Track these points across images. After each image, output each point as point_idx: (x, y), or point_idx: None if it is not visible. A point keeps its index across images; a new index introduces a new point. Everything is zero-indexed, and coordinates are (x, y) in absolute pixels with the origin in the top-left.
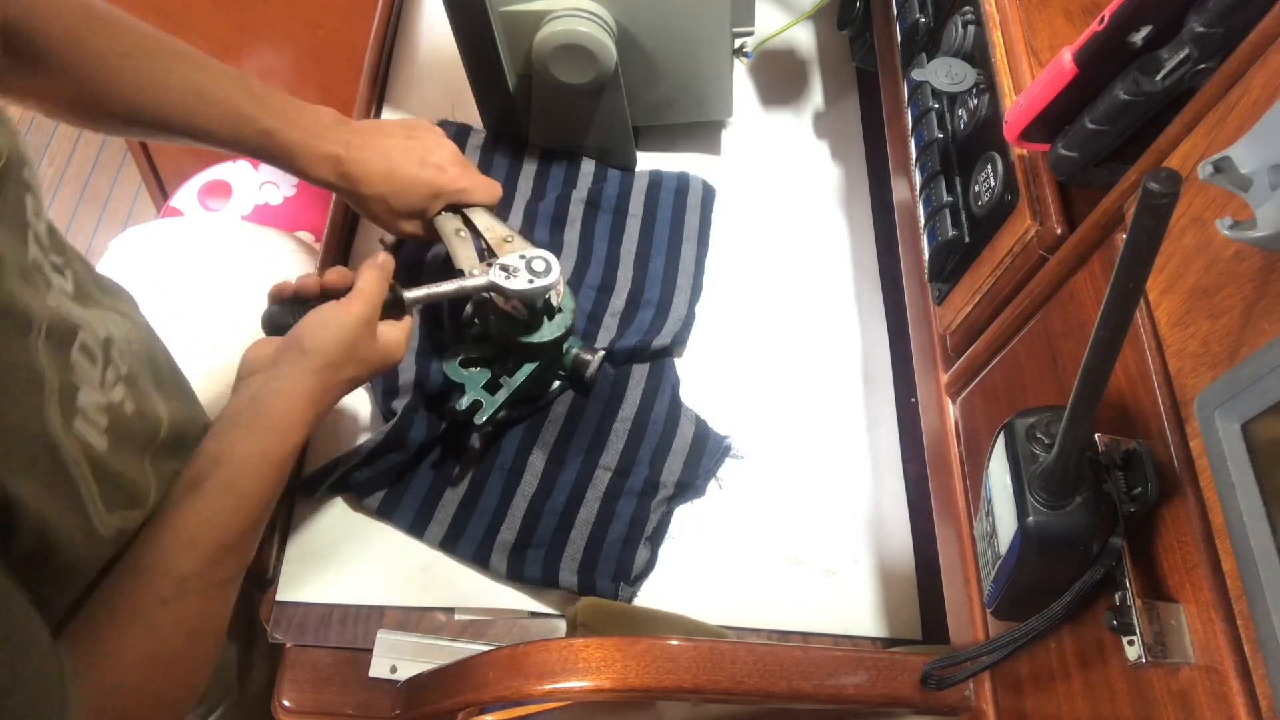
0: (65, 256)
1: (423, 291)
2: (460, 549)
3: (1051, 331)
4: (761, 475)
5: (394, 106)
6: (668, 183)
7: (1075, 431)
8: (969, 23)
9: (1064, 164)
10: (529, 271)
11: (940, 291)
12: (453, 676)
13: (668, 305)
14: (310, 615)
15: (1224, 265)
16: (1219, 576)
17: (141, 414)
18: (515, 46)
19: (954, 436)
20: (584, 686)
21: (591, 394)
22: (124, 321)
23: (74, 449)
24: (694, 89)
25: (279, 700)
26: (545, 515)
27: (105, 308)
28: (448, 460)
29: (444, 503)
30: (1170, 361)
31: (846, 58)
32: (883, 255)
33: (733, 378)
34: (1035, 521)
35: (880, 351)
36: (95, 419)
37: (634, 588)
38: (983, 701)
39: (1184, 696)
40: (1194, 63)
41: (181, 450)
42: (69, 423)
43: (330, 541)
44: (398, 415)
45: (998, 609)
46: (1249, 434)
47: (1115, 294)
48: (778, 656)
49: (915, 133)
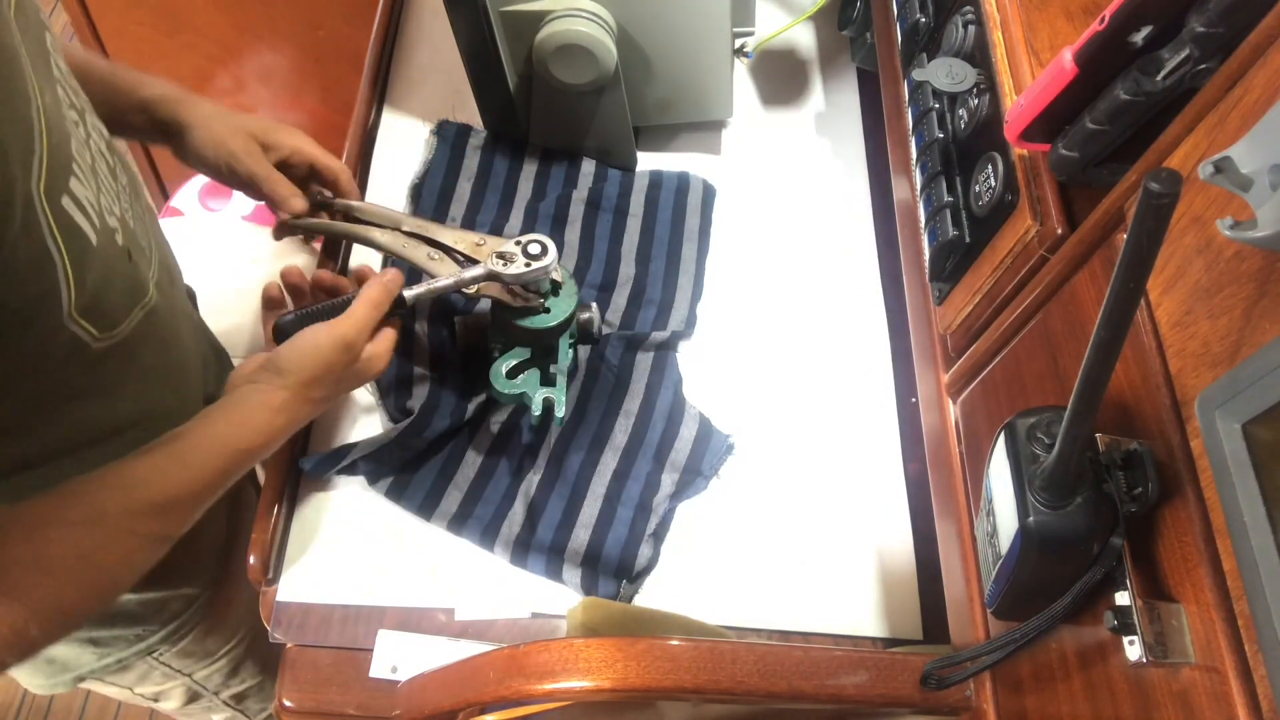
0: (82, 107)
1: (422, 288)
2: (467, 530)
3: (1052, 331)
4: (762, 474)
5: (394, 106)
6: (668, 182)
7: (1076, 431)
8: (969, 23)
9: (1064, 164)
10: (525, 255)
11: (941, 291)
12: (453, 676)
13: (669, 305)
14: (310, 615)
15: (1224, 265)
16: (1219, 576)
17: (135, 271)
18: (515, 46)
19: (954, 436)
20: (584, 686)
21: (595, 390)
22: (133, 198)
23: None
24: (694, 89)
25: (279, 700)
26: (548, 512)
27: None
28: (457, 450)
29: (453, 485)
30: (1171, 361)
31: (846, 58)
32: (883, 255)
33: (733, 377)
34: (1036, 521)
35: (880, 351)
36: (88, 212)
37: (636, 585)
38: (983, 701)
39: (1184, 696)
40: (1194, 63)
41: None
42: (53, 194)
43: (331, 541)
44: (414, 414)
45: (998, 609)
46: (1249, 434)
47: (1116, 294)
48: (778, 656)
49: (916, 133)
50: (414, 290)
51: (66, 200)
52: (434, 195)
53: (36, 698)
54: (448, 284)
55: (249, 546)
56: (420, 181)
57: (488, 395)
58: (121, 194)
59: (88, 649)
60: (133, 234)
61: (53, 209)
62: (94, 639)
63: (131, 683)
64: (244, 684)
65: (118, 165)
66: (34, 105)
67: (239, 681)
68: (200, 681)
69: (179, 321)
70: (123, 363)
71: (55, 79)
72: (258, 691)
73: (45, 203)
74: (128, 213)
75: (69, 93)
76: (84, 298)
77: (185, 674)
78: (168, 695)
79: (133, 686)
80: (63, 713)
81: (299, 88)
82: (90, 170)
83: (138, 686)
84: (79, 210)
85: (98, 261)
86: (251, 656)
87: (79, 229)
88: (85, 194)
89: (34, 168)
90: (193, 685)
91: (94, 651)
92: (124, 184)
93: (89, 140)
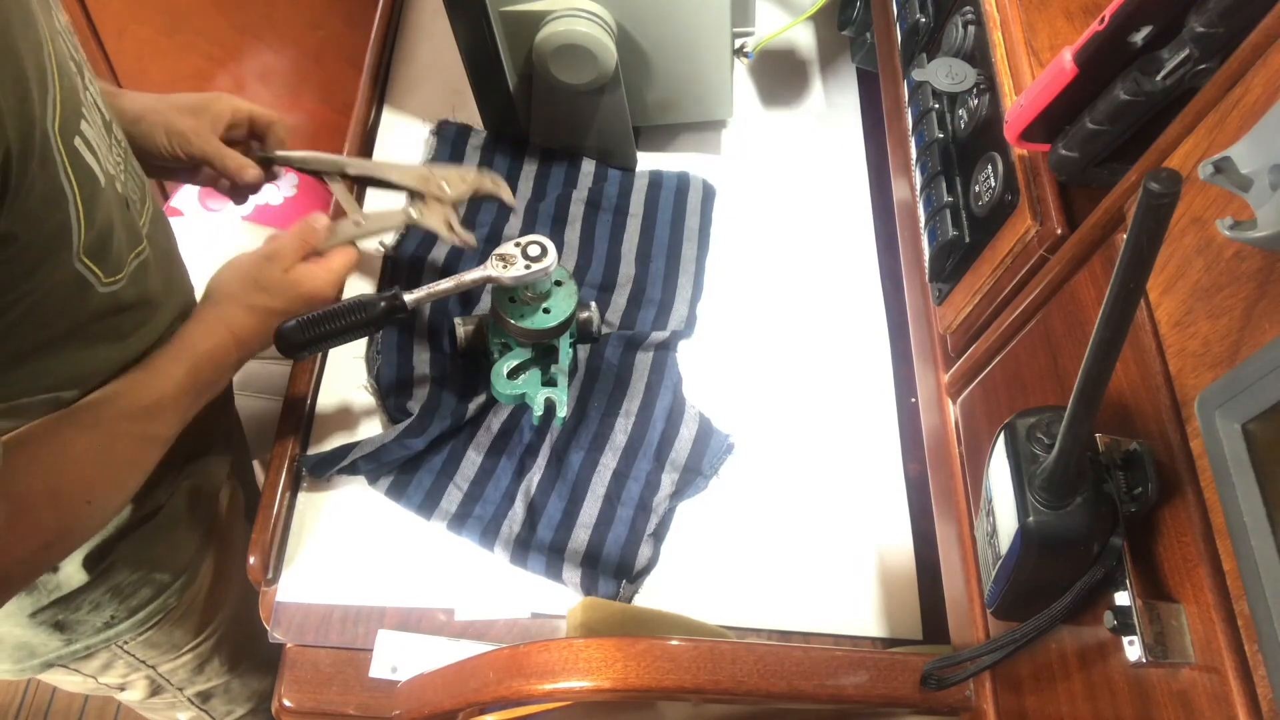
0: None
1: (422, 292)
2: (467, 530)
3: (1052, 331)
4: (762, 474)
5: (394, 106)
6: (668, 182)
7: (1076, 431)
8: (969, 23)
9: (1064, 164)
10: (525, 258)
11: (941, 291)
12: (453, 676)
13: (669, 305)
14: (310, 615)
15: (1224, 265)
16: (1219, 576)
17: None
18: (515, 46)
19: (954, 436)
20: (584, 686)
21: (595, 390)
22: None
23: (68, 158)
24: (694, 89)
25: (279, 700)
26: (548, 511)
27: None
28: (457, 449)
29: (453, 485)
30: (1171, 362)
31: (846, 58)
32: (883, 255)
33: (733, 377)
34: (1036, 521)
35: (880, 351)
36: (98, 154)
37: (636, 585)
38: (983, 701)
39: (1184, 696)
40: (1194, 63)
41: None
42: (67, 133)
43: (330, 541)
44: (414, 416)
45: (998, 609)
46: (1249, 434)
47: (1116, 294)
48: (778, 656)
49: (916, 133)
50: (414, 294)
51: (78, 140)
52: None
53: (37, 697)
54: (447, 287)
55: (249, 547)
56: None
57: (488, 395)
58: (114, 148)
59: (55, 635)
60: (127, 186)
61: (67, 148)
62: (60, 623)
63: (95, 671)
64: (209, 682)
65: (112, 121)
66: (45, 50)
67: (204, 679)
68: (165, 675)
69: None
70: (125, 309)
71: (58, 30)
72: (224, 692)
73: (60, 140)
74: (120, 166)
75: (69, 46)
76: (92, 238)
77: (150, 665)
78: (132, 686)
79: (97, 675)
80: (63, 713)
81: (299, 88)
82: (94, 118)
83: (101, 676)
84: (89, 151)
85: (104, 203)
86: (219, 655)
87: (90, 169)
88: (94, 137)
89: (49, 106)
90: (156, 678)
91: (61, 637)
92: (117, 139)
93: (88, 91)
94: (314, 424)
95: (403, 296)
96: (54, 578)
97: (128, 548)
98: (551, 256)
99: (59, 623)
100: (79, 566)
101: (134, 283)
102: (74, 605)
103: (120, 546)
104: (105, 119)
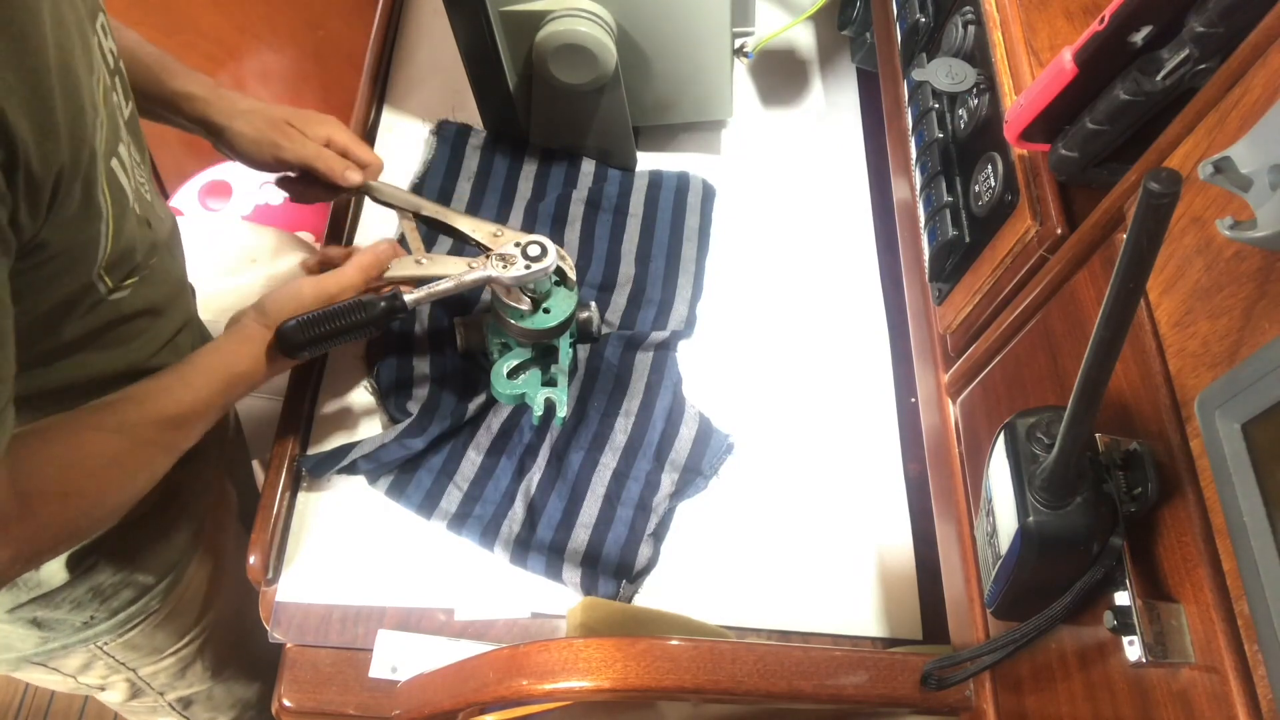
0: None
1: (422, 293)
2: (467, 530)
3: (1052, 331)
4: (762, 474)
5: (394, 106)
6: (668, 182)
7: (1076, 431)
8: (969, 23)
9: (1064, 164)
10: (525, 258)
11: (940, 291)
12: (453, 676)
13: (669, 305)
14: (310, 615)
15: (1224, 265)
16: (1219, 576)
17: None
18: (515, 46)
19: (954, 436)
20: (584, 686)
21: (595, 390)
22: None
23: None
24: (694, 89)
25: (279, 700)
26: (548, 511)
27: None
28: (457, 449)
29: (453, 485)
30: (1170, 362)
31: (846, 58)
32: (883, 255)
33: (733, 377)
34: (1036, 521)
35: (880, 351)
36: (131, 175)
37: (635, 585)
38: (983, 701)
39: (1184, 696)
40: (1194, 63)
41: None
42: (108, 153)
43: (330, 541)
44: (414, 416)
45: (998, 609)
46: (1249, 434)
47: (1116, 294)
48: (778, 656)
49: (915, 133)
50: (414, 295)
51: (115, 162)
52: (434, 195)
53: (36, 697)
54: (448, 288)
55: (242, 549)
56: (420, 181)
57: (487, 395)
58: (137, 168)
59: (33, 631)
60: (148, 204)
61: (106, 168)
62: (39, 620)
63: (74, 670)
64: (191, 688)
65: (139, 136)
66: (96, 74)
67: (185, 685)
68: (145, 678)
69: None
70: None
71: (108, 51)
72: (206, 698)
73: (103, 160)
74: (143, 186)
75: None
76: (115, 253)
77: (129, 668)
78: (112, 687)
79: (76, 675)
80: (62, 713)
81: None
82: (128, 137)
83: (81, 675)
84: (123, 170)
85: (129, 219)
86: (202, 660)
87: (122, 187)
88: (125, 156)
89: (98, 128)
90: (137, 681)
91: (38, 634)
92: (138, 159)
93: (123, 110)
94: (314, 424)
95: (403, 297)
96: (35, 575)
97: (111, 548)
98: (551, 257)
99: (37, 620)
100: (61, 565)
101: (140, 293)
102: (54, 603)
103: (103, 546)
104: (135, 136)
